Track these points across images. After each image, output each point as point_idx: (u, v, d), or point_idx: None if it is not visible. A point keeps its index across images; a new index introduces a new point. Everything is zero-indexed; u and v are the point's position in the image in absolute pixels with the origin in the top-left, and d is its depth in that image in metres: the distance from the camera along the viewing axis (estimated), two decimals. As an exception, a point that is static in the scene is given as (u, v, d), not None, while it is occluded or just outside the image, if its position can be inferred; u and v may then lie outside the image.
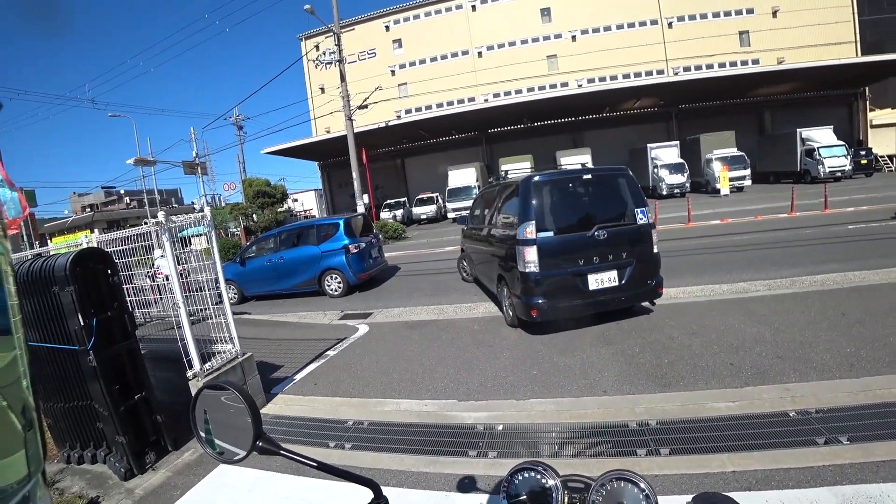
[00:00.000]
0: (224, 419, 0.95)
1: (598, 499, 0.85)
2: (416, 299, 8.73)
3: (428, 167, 36.30)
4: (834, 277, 6.53)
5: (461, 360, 5.28)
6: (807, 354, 4.17)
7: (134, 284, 5.46)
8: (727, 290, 6.65)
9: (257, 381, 4.82)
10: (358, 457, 3.56)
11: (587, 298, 5.46)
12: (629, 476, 0.84)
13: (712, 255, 9.23)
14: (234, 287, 10.67)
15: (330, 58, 20.19)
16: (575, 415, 3.69)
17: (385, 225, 21.42)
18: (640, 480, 0.83)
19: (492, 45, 38.96)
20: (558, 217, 5.55)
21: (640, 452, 3.05)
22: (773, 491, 2.49)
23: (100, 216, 47.56)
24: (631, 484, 0.84)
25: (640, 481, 0.83)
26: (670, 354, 4.59)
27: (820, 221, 11.63)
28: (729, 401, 3.53)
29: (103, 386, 3.74)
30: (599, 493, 0.85)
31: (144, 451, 3.99)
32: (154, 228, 4.12)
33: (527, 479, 0.95)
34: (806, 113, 30.69)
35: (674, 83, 28.49)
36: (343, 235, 9.78)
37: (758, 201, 17.82)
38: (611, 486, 0.85)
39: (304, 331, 7.63)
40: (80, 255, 3.77)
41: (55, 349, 3.97)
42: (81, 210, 56.81)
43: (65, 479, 4.03)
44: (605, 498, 0.84)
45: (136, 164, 25.56)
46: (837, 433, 2.91)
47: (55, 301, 3.79)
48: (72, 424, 4.22)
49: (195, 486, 3.50)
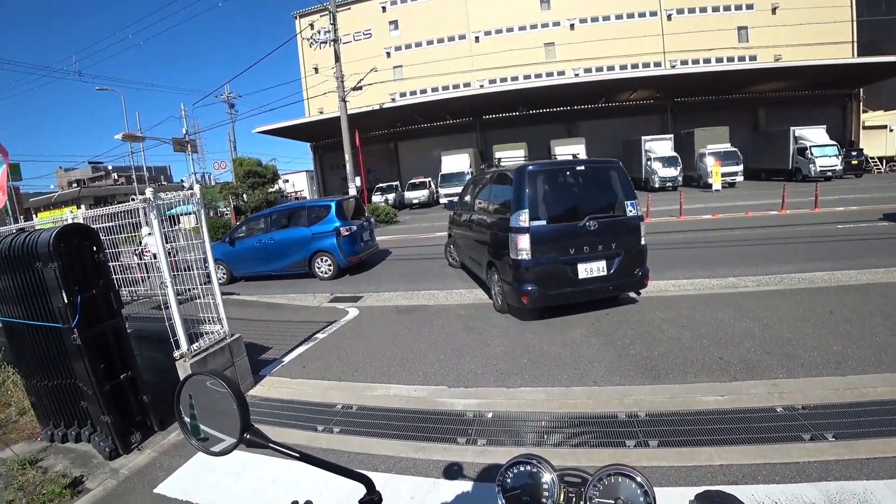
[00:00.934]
0: (210, 409, 0.92)
1: (595, 494, 0.84)
2: (407, 284, 8.70)
3: (421, 151, 36.05)
4: (822, 276, 6.61)
5: (451, 345, 5.27)
6: (795, 351, 4.21)
7: (121, 262, 5.35)
8: (717, 285, 6.70)
9: (245, 362, 4.77)
10: (346, 441, 3.54)
11: (576, 287, 5.55)
12: (626, 471, 0.83)
13: (703, 250, 9.29)
14: (223, 267, 10.55)
15: (325, 37, 19.83)
16: (565, 404, 3.70)
17: (377, 208, 21.28)
18: (638, 475, 0.82)
19: (489, 31, 38.57)
20: (551, 206, 5.61)
21: (629, 444, 3.06)
22: (760, 486, 2.52)
23: (87, 192, 46.70)
24: (628, 479, 0.83)
25: (638, 476, 0.82)
26: (660, 347, 4.62)
27: (810, 220, 11.74)
28: (717, 395, 3.56)
29: (88, 365, 3.67)
30: (596, 487, 0.84)
31: (130, 431, 3.94)
32: (142, 205, 4.02)
33: (522, 472, 0.93)
34: (800, 111, 30.84)
35: (670, 76, 28.50)
36: (334, 218, 9.69)
37: (749, 197, 17.96)
38: (608, 481, 0.84)
39: (293, 313, 7.57)
40: (65, 231, 3.67)
41: (38, 326, 3.89)
42: (68, 185, 55.73)
43: (48, 458, 3.97)
44: (602, 493, 0.83)
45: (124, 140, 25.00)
46: (823, 430, 2.95)
47: (38, 277, 3.69)
48: (56, 403, 4.15)
49: (180, 468, 3.47)
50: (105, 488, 3.38)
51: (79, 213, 5.31)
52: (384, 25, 40.32)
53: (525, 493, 0.91)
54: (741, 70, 28.20)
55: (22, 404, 4.86)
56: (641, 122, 32.87)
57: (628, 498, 0.81)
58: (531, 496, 0.90)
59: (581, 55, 36.46)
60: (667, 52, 35.97)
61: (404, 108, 30.34)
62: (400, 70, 39.83)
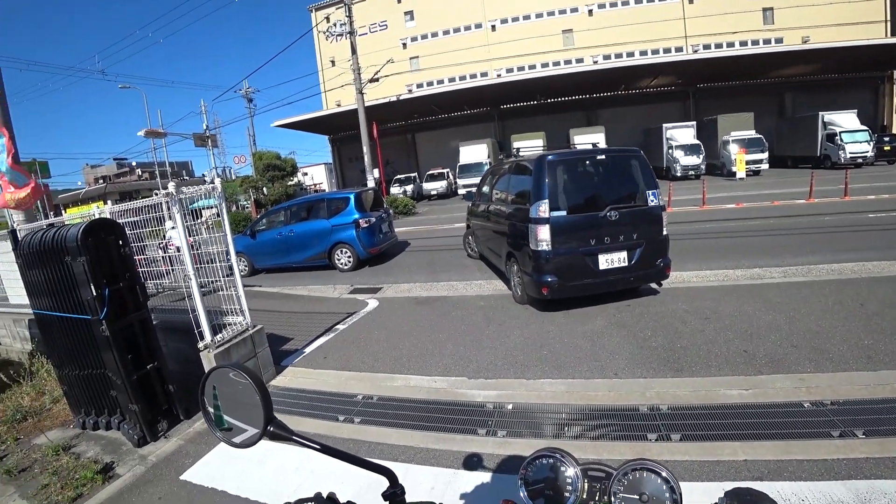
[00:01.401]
0: (235, 402, 0.93)
1: (620, 488, 0.83)
2: (426, 275, 8.73)
3: (439, 142, 35.91)
4: (852, 267, 6.40)
5: (471, 336, 5.28)
6: (823, 344, 4.10)
7: (146, 255, 5.48)
8: (742, 276, 6.55)
9: (267, 353, 4.85)
10: (367, 431, 3.58)
11: (597, 278, 5.50)
12: (651, 466, 0.82)
13: (727, 240, 9.09)
14: (244, 260, 10.71)
15: (341, 29, 19.84)
16: (585, 396, 3.68)
17: (395, 200, 21.32)
18: (663, 470, 0.81)
19: (506, 19, 38.01)
20: (571, 196, 5.56)
21: (650, 437, 3.03)
22: (786, 482, 2.47)
23: (112, 187, 47.88)
24: (654, 474, 0.81)
25: (663, 470, 0.81)
26: (683, 339, 4.55)
27: (839, 209, 11.36)
28: (742, 388, 3.49)
29: (116, 355, 3.78)
30: (621, 482, 0.83)
31: (157, 420, 4.06)
32: (164, 199, 4.10)
33: (545, 466, 0.93)
34: (829, 96, 29.70)
35: (692, 61, 27.68)
36: (353, 210, 9.75)
37: (775, 186, 17.47)
38: (633, 476, 0.82)
39: (313, 304, 7.66)
40: (92, 226, 3.77)
41: (69, 318, 4.01)
42: (94, 181, 57.19)
43: (80, 444, 4.12)
44: (626, 488, 0.82)
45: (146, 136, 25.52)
46: (853, 426, 2.86)
47: (68, 271, 3.81)
48: (86, 391, 4.29)
49: (206, 456, 3.57)
50: (134, 474, 3.50)
51: (105, 208, 5.45)
52: (399, 16, 40.09)
53: (548, 486, 0.90)
54: (767, 53, 27.21)
55: (55, 393, 5.04)
56: (662, 109, 32.10)
57: (653, 493, 0.80)
58: (554, 490, 0.90)
59: (600, 42, 35.71)
60: (688, 36, 35.00)
61: (421, 98, 30.18)
62: (416, 61, 39.61)
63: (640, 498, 0.81)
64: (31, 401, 5.13)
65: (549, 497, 0.90)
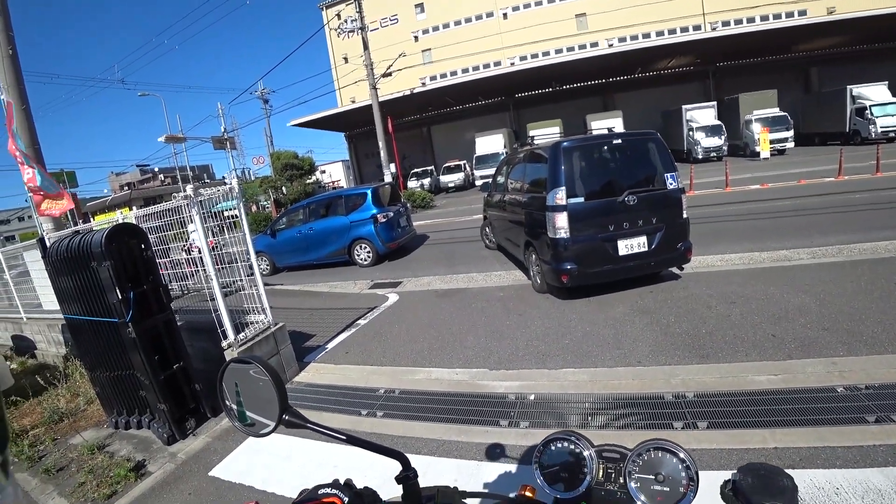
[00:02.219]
0: (252, 393, 0.94)
1: (635, 469, 0.82)
2: (445, 267, 8.72)
3: (455, 134, 35.76)
4: (886, 245, 6.14)
5: (491, 328, 5.25)
6: (856, 327, 3.94)
7: (170, 258, 5.59)
8: (768, 258, 6.36)
9: (290, 350, 4.91)
10: (389, 425, 3.60)
11: (617, 264, 5.42)
12: (667, 445, 0.81)
13: (752, 222, 8.83)
14: (266, 259, 10.88)
15: (352, 25, 19.87)
16: (609, 385, 3.63)
17: (413, 194, 21.35)
18: (679, 450, 0.80)
19: (517, 6, 37.53)
20: (588, 182, 5.47)
21: (676, 425, 2.97)
22: (820, 470, 2.38)
23: (137, 194, 49.01)
24: (669, 453, 0.81)
25: (679, 450, 0.80)
26: (707, 324, 4.44)
27: (871, 185, 10.90)
28: (771, 374, 3.39)
29: (143, 356, 3.88)
30: (636, 462, 0.82)
31: (185, 418, 4.16)
32: (184, 202, 4.16)
33: (560, 449, 0.93)
34: (857, 68, 28.53)
35: (711, 39, 26.81)
36: (371, 205, 9.78)
37: (801, 165, 16.89)
38: (648, 456, 0.82)
39: (334, 300, 7.73)
40: (114, 231, 3.85)
41: (97, 321, 4.12)
42: (120, 188, 58.73)
43: (114, 444, 4.25)
44: (641, 468, 0.82)
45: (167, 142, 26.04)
46: (890, 411, 2.74)
47: (94, 276, 3.91)
48: (117, 392, 4.42)
49: (233, 452, 3.63)
50: (165, 471, 3.59)
51: (130, 213, 5.57)
52: (410, 9, 39.93)
53: (563, 469, 0.90)
54: (790, 27, 26.13)
55: (89, 394, 5.20)
56: (681, 90, 31.32)
57: (669, 473, 0.79)
58: (569, 472, 0.90)
59: (614, 24, 34.96)
60: (706, 13, 33.99)
61: (435, 91, 30.04)
62: (429, 53, 39.44)
63: (655, 478, 0.80)
64: (67, 402, 5.31)
65: (565, 479, 0.90)
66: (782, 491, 0.66)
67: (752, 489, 0.68)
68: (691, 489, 0.78)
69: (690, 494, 0.78)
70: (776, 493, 0.66)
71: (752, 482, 0.69)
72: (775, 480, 0.68)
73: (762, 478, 0.69)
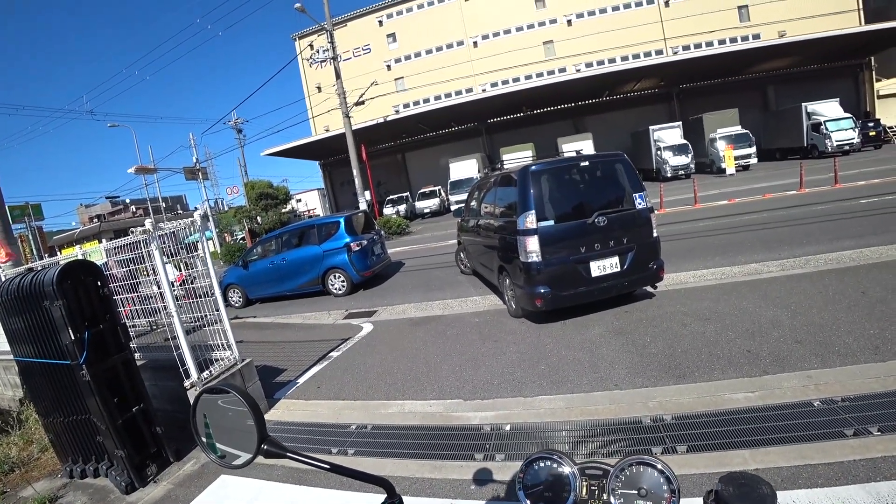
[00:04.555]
0: (227, 424, 0.93)
1: (618, 484, 0.84)
2: (420, 294, 8.60)
3: (429, 160, 36.02)
4: (850, 255, 6.31)
5: (466, 356, 5.14)
6: (828, 338, 3.97)
7: (139, 293, 5.37)
8: (739, 273, 6.45)
9: (258, 386, 4.71)
10: (361, 462, 3.43)
11: (590, 285, 5.39)
12: (648, 460, 0.83)
13: (721, 237, 9.00)
14: (238, 291, 10.60)
15: (324, 55, 20.06)
16: (586, 412, 3.54)
17: (388, 221, 21.26)
18: (659, 463, 0.82)
19: (486, 34, 38.58)
20: (557, 205, 5.48)
21: (655, 450, 2.89)
22: (802, 490, 2.32)
23: (107, 226, 47.69)
24: (650, 468, 0.83)
25: (659, 464, 0.82)
26: (683, 343, 4.42)
27: (831, 197, 11.32)
28: (748, 391, 3.36)
29: (98, 400, 3.65)
30: (619, 478, 0.84)
31: (145, 464, 3.90)
32: (142, 237, 3.99)
33: (543, 468, 0.93)
34: (810, 86, 30.02)
35: (673, 63, 27.94)
36: (344, 234, 9.65)
37: (765, 179, 17.48)
38: (630, 472, 0.84)
39: (308, 332, 7.52)
40: (68, 269, 3.66)
41: (50, 364, 3.88)
42: (89, 221, 57.15)
43: (67, 495, 3.96)
44: (624, 483, 0.83)
45: (137, 173, 25.53)
46: (867, 423, 2.73)
47: (47, 315, 3.69)
48: (73, 439, 4.14)
49: (196, 499, 3.41)
50: (120, 526, 3.33)
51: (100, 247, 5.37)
52: (382, 39, 40.62)
53: (547, 488, 0.91)
54: (745, 50, 27.45)
55: (43, 442, 4.87)
56: (648, 112, 32.39)
57: (651, 487, 0.81)
58: (553, 491, 0.90)
59: (581, 50, 36.15)
60: (667, 38, 35.47)
61: (408, 118, 30.33)
62: (402, 81, 40.02)
63: (638, 492, 0.82)
64: (20, 451, 4.97)
65: (548, 499, 0.90)
66: (762, 499, 0.68)
67: (733, 498, 0.69)
68: (673, 501, 0.79)
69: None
70: (756, 501, 0.68)
71: (734, 491, 0.70)
72: (755, 489, 0.70)
73: (743, 486, 0.71)
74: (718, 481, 0.74)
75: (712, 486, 0.75)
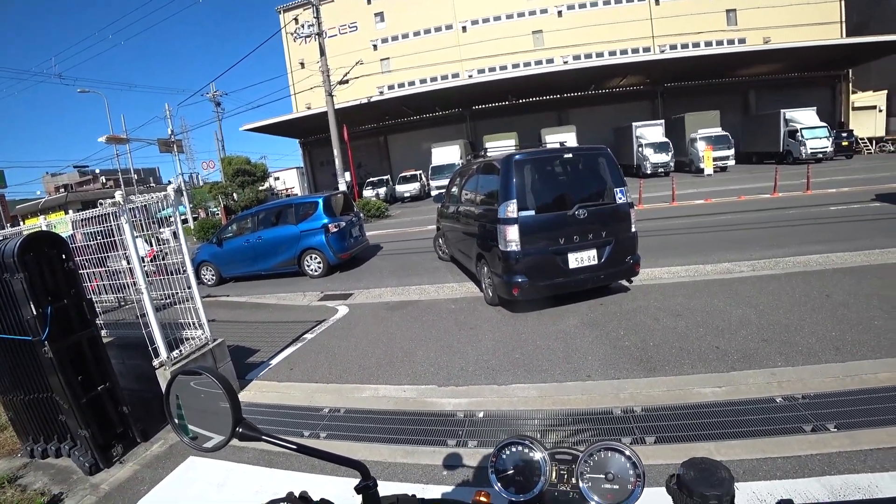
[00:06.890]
0: (201, 406, 0.93)
1: (587, 469, 0.87)
2: (398, 279, 8.57)
3: (411, 144, 35.69)
4: (817, 258, 6.53)
5: (442, 342, 5.15)
6: (792, 337, 4.11)
7: (107, 267, 5.20)
8: (711, 271, 6.61)
9: (230, 367, 4.63)
10: (333, 446, 3.41)
11: (567, 277, 5.45)
12: (616, 446, 0.87)
13: (696, 235, 9.20)
14: (211, 269, 10.39)
15: (309, 31, 19.53)
16: (558, 401, 3.59)
17: (367, 203, 21.07)
18: (626, 449, 0.86)
19: (476, 20, 38.16)
20: (539, 196, 5.50)
21: (624, 441, 2.94)
22: (761, 482, 2.41)
23: (74, 197, 46.03)
24: (618, 453, 0.86)
25: (626, 449, 0.86)
26: (655, 337, 4.52)
27: (802, 202, 11.67)
28: (715, 386, 3.46)
29: (62, 377, 3.53)
30: (587, 463, 0.87)
31: (111, 444, 3.80)
32: (111, 210, 3.85)
33: (515, 453, 0.95)
34: (790, 94, 30.76)
35: (660, 61, 28.27)
36: (322, 214, 9.52)
37: (741, 181, 17.89)
38: (598, 457, 0.87)
39: (282, 313, 7.43)
40: (30, 240, 3.51)
41: (10, 340, 3.74)
42: (55, 190, 55.13)
43: (28, 475, 3.84)
44: (592, 468, 0.86)
45: (108, 142, 24.66)
46: (825, 420, 2.84)
47: (7, 289, 3.54)
48: (34, 417, 4.00)
49: (163, 481, 3.35)
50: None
51: (65, 217, 5.16)
52: (370, 18, 39.81)
53: (518, 472, 0.93)
54: (730, 53, 27.99)
55: (2, 419, 4.71)
56: (632, 108, 32.64)
57: (618, 472, 0.85)
58: (524, 476, 0.92)
59: (569, 42, 36.14)
60: (655, 36, 35.74)
61: (392, 100, 29.94)
62: (387, 62, 39.39)
63: (605, 477, 0.85)
64: (-23, 429, 4.79)
65: (519, 483, 0.92)
66: (721, 482, 0.71)
67: (694, 482, 0.73)
68: (638, 485, 0.83)
69: (638, 490, 0.83)
70: (716, 484, 0.71)
71: (695, 475, 0.74)
72: (715, 473, 0.74)
73: (703, 471, 0.75)
74: (681, 466, 0.78)
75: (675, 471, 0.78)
